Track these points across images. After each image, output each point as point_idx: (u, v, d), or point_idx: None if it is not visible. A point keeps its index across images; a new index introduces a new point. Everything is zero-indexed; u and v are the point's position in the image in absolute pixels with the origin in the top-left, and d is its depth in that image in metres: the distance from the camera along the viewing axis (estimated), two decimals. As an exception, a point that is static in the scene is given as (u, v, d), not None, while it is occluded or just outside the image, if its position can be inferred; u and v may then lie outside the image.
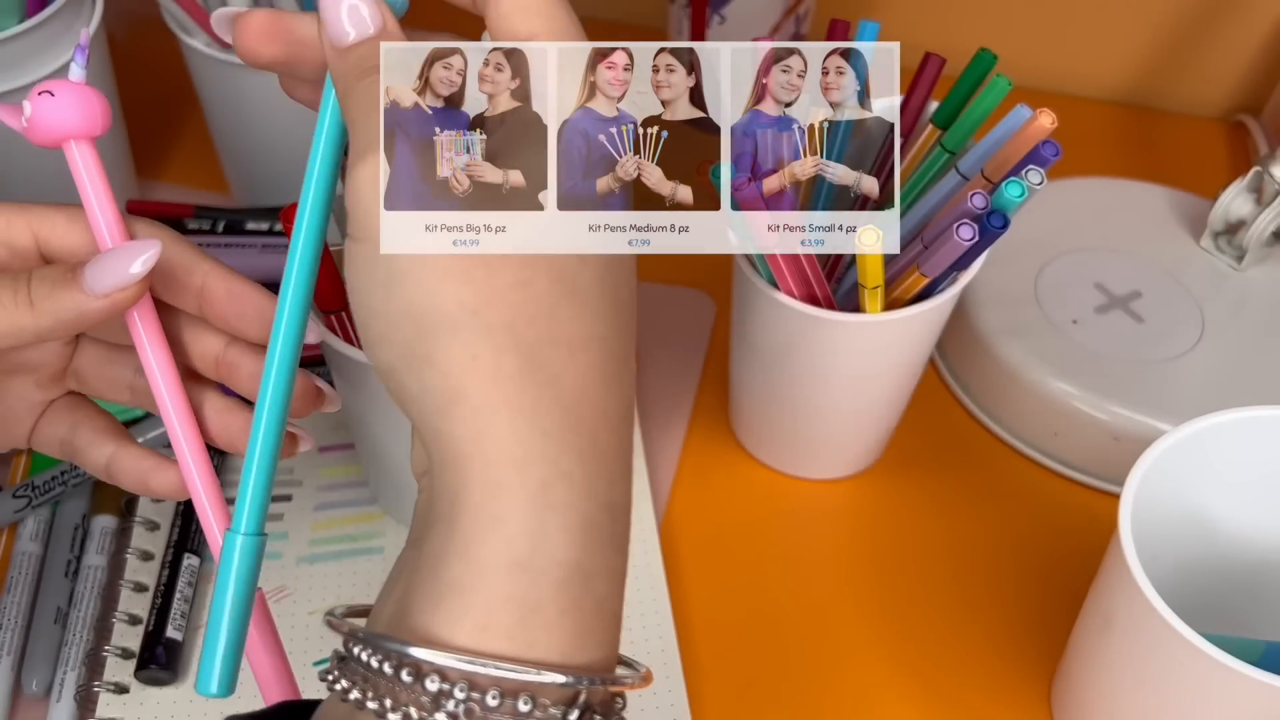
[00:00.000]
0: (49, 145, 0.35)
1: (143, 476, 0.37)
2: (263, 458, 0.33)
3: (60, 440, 0.39)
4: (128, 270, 0.33)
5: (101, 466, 0.38)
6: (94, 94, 0.35)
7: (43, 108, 0.34)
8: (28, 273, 0.33)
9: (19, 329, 0.33)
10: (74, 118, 0.34)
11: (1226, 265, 0.62)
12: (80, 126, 0.34)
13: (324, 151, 0.33)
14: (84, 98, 0.34)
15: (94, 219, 0.35)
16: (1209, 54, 0.75)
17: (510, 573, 0.27)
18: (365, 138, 0.30)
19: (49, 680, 0.49)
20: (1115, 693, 0.44)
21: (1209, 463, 0.46)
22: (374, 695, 0.27)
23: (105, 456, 0.38)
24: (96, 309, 0.33)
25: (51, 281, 0.33)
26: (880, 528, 0.56)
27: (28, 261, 0.35)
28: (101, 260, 0.33)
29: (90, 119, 0.34)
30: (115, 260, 0.33)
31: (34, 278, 0.33)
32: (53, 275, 0.33)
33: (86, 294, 0.33)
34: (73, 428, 0.38)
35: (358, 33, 0.31)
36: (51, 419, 0.39)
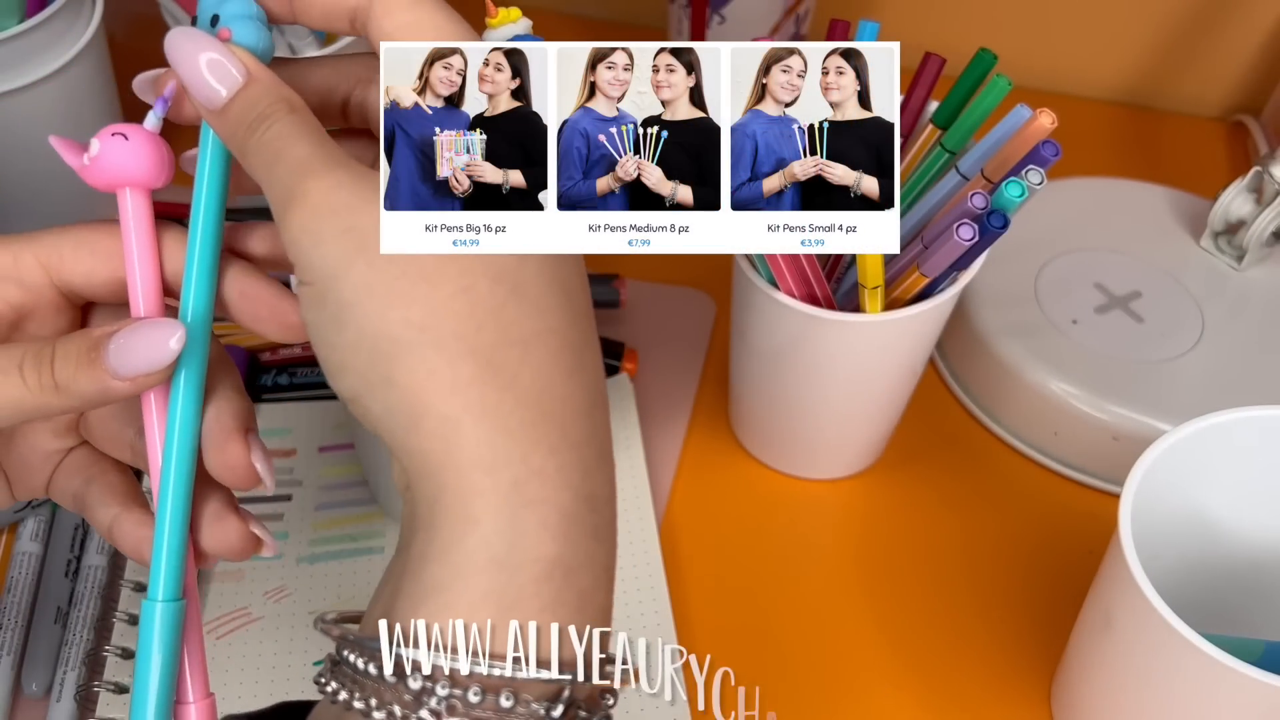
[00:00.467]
0: (104, 189, 0.33)
1: (139, 545, 0.35)
2: (174, 520, 0.32)
3: (74, 494, 0.37)
4: (158, 352, 0.31)
5: (105, 527, 0.36)
6: (165, 146, 0.33)
7: (113, 149, 0.33)
8: (51, 347, 0.32)
9: (45, 409, 0.32)
10: (142, 166, 0.33)
11: (1226, 265, 0.62)
12: (144, 176, 0.33)
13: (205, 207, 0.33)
14: (156, 148, 0.33)
15: (131, 277, 0.33)
16: (1209, 54, 0.75)
17: (488, 570, 0.27)
18: (281, 188, 0.29)
19: (49, 680, 0.49)
20: (1115, 693, 0.44)
21: (1209, 463, 0.46)
22: (360, 695, 0.27)
23: (110, 516, 0.36)
24: (122, 390, 0.31)
25: (75, 361, 0.31)
26: (880, 528, 0.56)
27: (42, 296, 0.34)
28: (127, 338, 0.31)
29: (156, 170, 0.33)
30: (142, 339, 0.31)
31: (57, 356, 0.31)
32: (76, 354, 0.31)
33: (110, 376, 0.31)
34: (87, 482, 0.37)
35: (228, 89, 0.31)
36: (68, 470, 0.37)
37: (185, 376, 0.33)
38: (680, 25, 0.70)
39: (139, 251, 0.33)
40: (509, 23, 0.39)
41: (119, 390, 0.31)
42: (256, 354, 0.60)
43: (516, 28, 0.40)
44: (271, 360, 0.60)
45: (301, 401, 0.59)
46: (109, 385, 0.31)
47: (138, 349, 0.31)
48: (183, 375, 0.33)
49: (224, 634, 0.51)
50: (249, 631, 0.51)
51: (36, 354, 0.32)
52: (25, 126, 0.57)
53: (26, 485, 0.38)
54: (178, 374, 0.32)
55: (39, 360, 0.32)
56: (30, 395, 0.31)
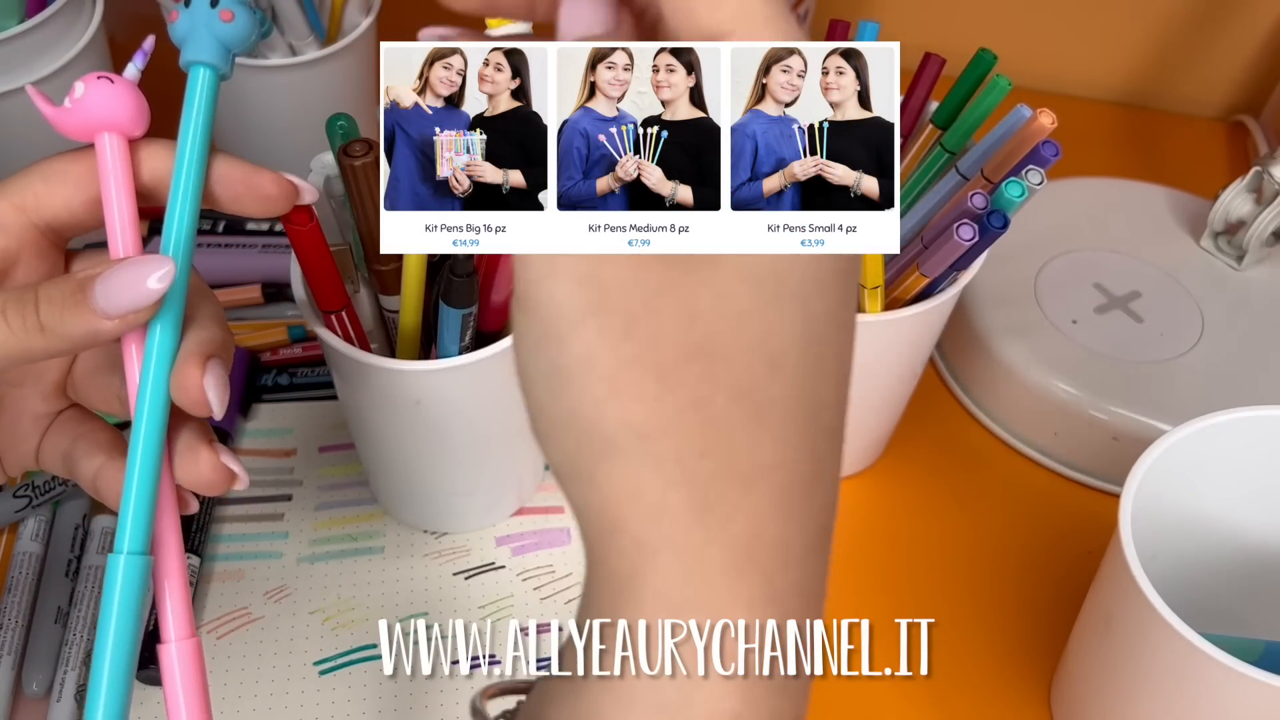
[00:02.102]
0: (83, 134, 0.34)
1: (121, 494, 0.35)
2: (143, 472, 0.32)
3: (62, 453, 0.37)
4: (142, 289, 0.31)
5: (90, 480, 0.36)
6: (129, 89, 0.34)
7: (98, 91, 0.33)
8: (34, 290, 0.31)
9: (29, 352, 0.31)
10: (124, 110, 0.34)
11: (1226, 265, 0.62)
12: (126, 121, 0.34)
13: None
14: (136, 96, 0.34)
15: (110, 222, 0.34)
16: (1209, 54, 0.75)
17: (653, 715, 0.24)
18: None
19: (49, 680, 0.49)
20: (1115, 692, 0.44)
21: (1209, 463, 0.46)
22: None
23: (94, 468, 0.36)
24: (109, 330, 0.31)
25: (60, 303, 0.31)
26: (880, 528, 0.56)
27: (24, 240, 0.34)
28: (112, 277, 0.31)
29: (137, 117, 0.34)
30: (127, 278, 0.31)
31: (41, 297, 0.31)
32: (61, 295, 0.31)
33: (98, 315, 0.31)
34: (74, 440, 0.37)
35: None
36: (56, 432, 0.37)
37: (163, 319, 0.33)
38: (680, 25, 0.70)
39: (118, 196, 0.34)
40: (508, 23, 0.39)
41: (106, 330, 0.31)
42: (257, 354, 0.60)
43: (517, 28, 0.40)
44: (271, 360, 0.60)
45: (301, 401, 0.59)
46: (97, 325, 0.31)
47: (124, 286, 0.31)
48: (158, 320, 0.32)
49: (224, 634, 0.51)
50: (249, 631, 0.51)
51: (19, 298, 0.31)
52: (25, 127, 0.57)
53: (17, 455, 0.38)
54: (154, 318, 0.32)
55: (21, 304, 0.31)
56: (14, 338, 0.31)
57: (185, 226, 0.34)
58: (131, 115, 0.34)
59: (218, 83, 0.35)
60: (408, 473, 0.52)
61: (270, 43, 0.61)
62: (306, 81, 0.61)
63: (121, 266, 0.31)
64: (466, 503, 0.54)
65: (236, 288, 0.61)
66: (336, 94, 0.62)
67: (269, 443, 0.58)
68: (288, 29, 0.60)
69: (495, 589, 0.53)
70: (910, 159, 0.50)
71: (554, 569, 0.53)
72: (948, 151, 0.48)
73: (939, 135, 0.49)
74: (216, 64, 0.35)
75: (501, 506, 0.55)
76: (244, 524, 0.55)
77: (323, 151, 0.44)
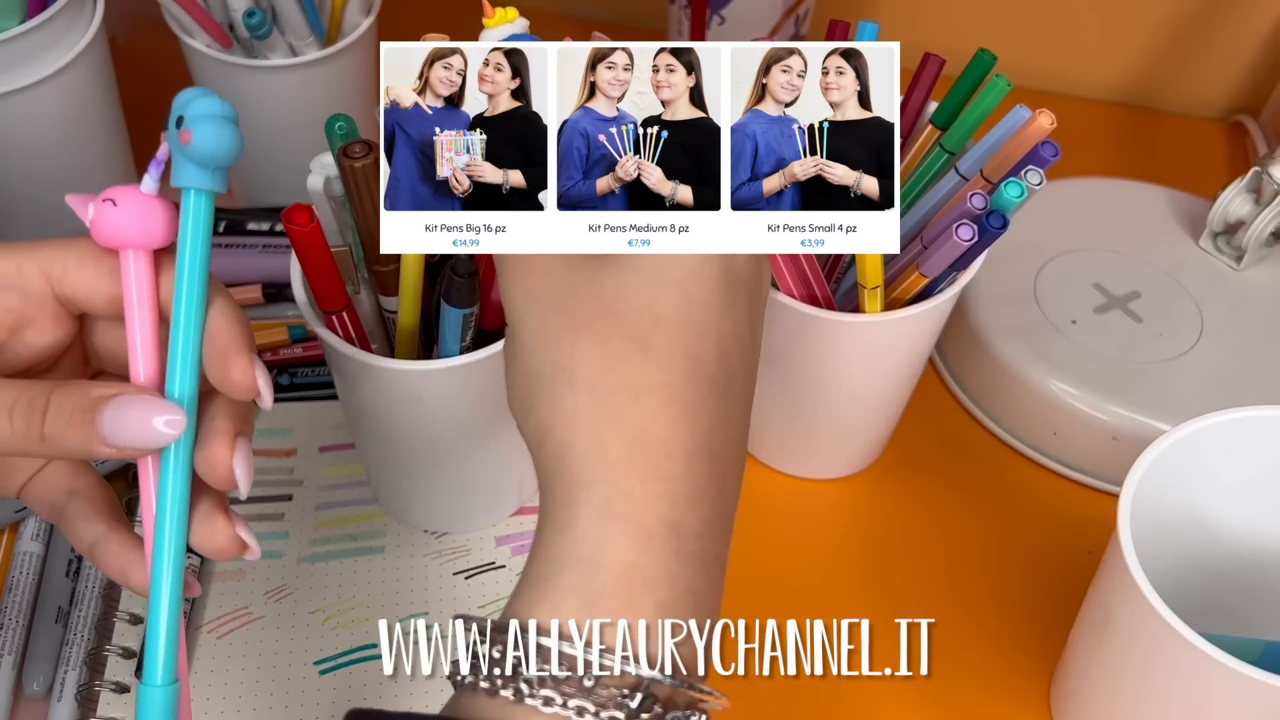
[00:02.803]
0: (108, 245, 0.33)
1: (125, 568, 0.35)
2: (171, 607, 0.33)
3: (51, 505, 0.37)
4: (149, 430, 0.32)
5: (86, 545, 0.36)
6: (160, 207, 0.33)
7: (103, 215, 0.33)
8: (46, 397, 0.32)
9: (23, 452, 0.32)
10: (134, 229, 0.33)
11: (1225, 265, 0.62)
12: (139, 238, 0.33)
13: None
14: (148, 211, 0.33)
15: (131, 339, 0.33)
16: (1209, 54, 0.75)
17: (576, 568, 0.31)
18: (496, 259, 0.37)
19: (50, 680, 0.49)
20: (1115, 692, 0.44)
21: (1208, 463, 0.46)
22: (473, 673, 0.31)
23: (94, 535, 0.36)
24: (107, 454, 0.32)
25: (67, 419, 0.32)
26: (880, 528, 0.56)
27: (43, 306, 0.34)
28: (123, 409, 0.32)
29: (150, 233, 0.33)
30: (137, 415, 0.32)
31: (50, 408, 0.32)
32: (70, 410, 0.32)
33: (98, 439, 0.32)
34: (69, 495, 0.37)
35: None
36: (49, 478, 0.37)
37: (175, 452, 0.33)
38: (680, 25, 0.70)
39: (139, 313, 0.33)
40: (506, 23, 0.39)
41: (104, 454, 0.32)
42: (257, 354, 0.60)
43: (514, 28, 0.40)
44: (271, 360, 0.60)
45: (301, 401, 0.59)
46: (95, 448, 0.32)
47: (132, 423, 0.32)
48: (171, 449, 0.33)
49: (224, 634, 0.51)
50: (249, 631, 0.51)
51: (30, 401, 0.32)
52: (25, 127, 0.57)
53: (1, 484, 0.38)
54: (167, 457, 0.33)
55: (31, 408, 0.32)
56: (14, 438, 0.32)
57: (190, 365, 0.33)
58: (143, 232, 0.33)
59: (209, 202, 0.33)
60: (408, 473, 0.52)
61: (270, 43, 0.61)
62: (306, 82, 0.61)
63: (133, 401, 0.32)
64: (466, 503, 0.54)
65: (236, 288, 0.61)
66: (336, 94, 0.62)
67: (269, 443, 0.58)
68: (288, 29, 0.61)
69: (495, 589, 0.53)
70: (910, 159, 0.50)
71: (554, 569, 0.53)
72: (947, 152, 0.48)
73: (938, 135, 0.49)
74: (196, 185, 0.33)
75: (501, 506, 0.55)
76: (244, 524, 0.55)
77: (323, 152, 0.44)
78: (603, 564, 0.31)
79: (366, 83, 0.63)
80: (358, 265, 0.46)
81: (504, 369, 0.35)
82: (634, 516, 0.31)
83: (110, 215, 0.33)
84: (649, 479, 0.31)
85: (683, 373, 0.33)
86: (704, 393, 0.33)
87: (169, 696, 0.33)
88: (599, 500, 0.31)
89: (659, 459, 0.32)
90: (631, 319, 0.33)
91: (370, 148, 0.41)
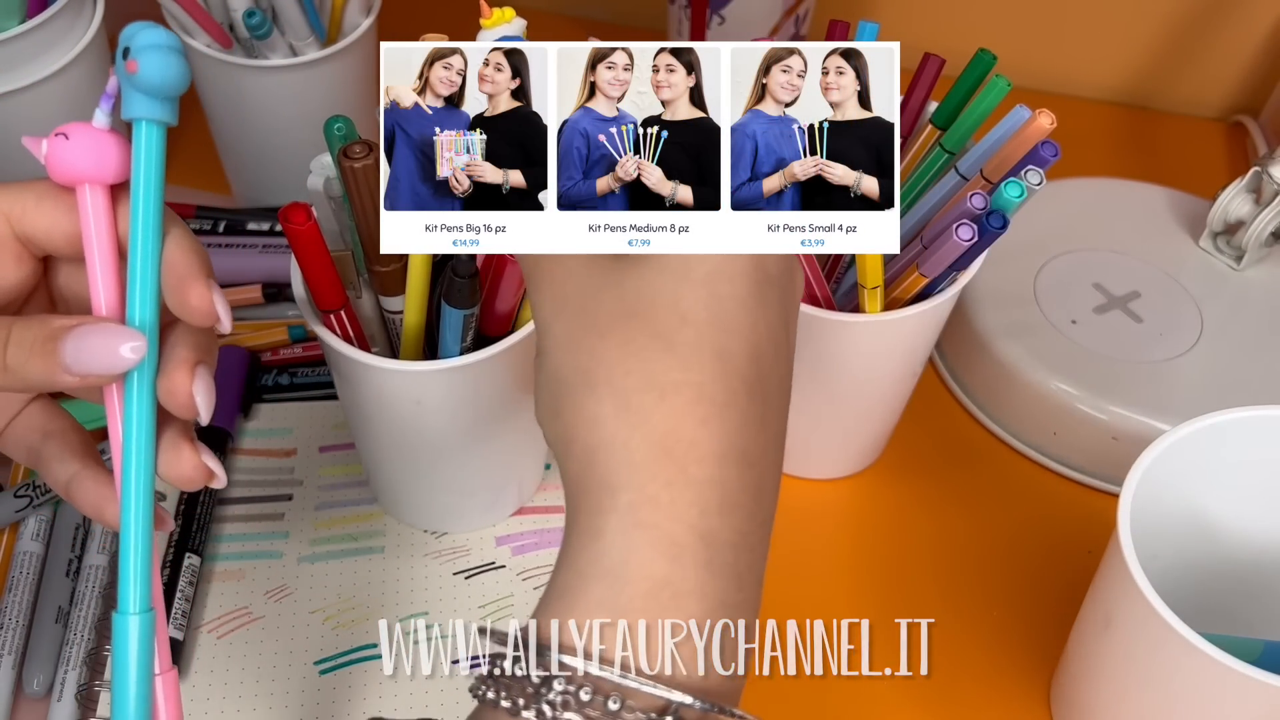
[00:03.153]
0: (64, 183, 0.34)
1: (100, 504, 0.36)
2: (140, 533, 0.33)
3: (28, 448, 0.38)
4: (113, 357, 0.32)
5: (62, 484, 0.37)
6: (113, 140, 0.33)
7: (56, 149, 0.33)
8: (7, 329, 0.32)
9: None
10: (88, 163, 0.33)
11: (1225, 265, 0.62)
12: (91, 172, 0.33)
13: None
14: (100, 144, 0.33)
15: (92, 272, 0.33)
16: (1209, 54, 0.75)
17: (603, 580, 0.30)
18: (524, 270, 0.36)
19: (50, 680, 0.49)
20: (1115, 692, 0.45)
21: (1208, 463, 0.46)
22: (494, 689, 0.30)
23: (69, 474, 0.36)
24: (70, 383, 0.32)
25: (29, 349, 0.32)
26: (880, 527, 0.56)
27: (4, 246, 0.34)
28: (85, 338, 0.32)
29: (104, 165, 0.33)
30: (99, 342, 0.32)
31: (12, 340, 0.32)
32: (31, 341, 0.32)
33: (62, 369, 0.32)
34: (44, 437, 0.37)
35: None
36: (25, 423, 0.38)
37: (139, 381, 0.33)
38: (680, 25, 0.70)
39: (98, 247, 0.33)
40: (503, 23, 0.40)
41: (67, 383, 0.32)
42: (257, 354, 0.60)
43: (510, 28, 0.40)
44: (272, 360, 0.60)
45: (301, 401, 0.59)
46: (59, 377, 0.32)
47: (94, 350, 0.32)
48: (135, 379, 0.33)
49: (224, 634, 0.51)
50: (249, 631, 0.51)
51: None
52: (25, 127, 0.57)
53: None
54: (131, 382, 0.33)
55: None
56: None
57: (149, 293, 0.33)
58: (97, 166, 0.33)
59: (160, 133, 0.33)
60: (408, 473, 0.52)
61: (270, 43, 0.61)
62: (306, 82, 0.61)
63: (95, 329, 0.32)
64: (466, 503, 0.54)
65: (236, 288, 0.61)
66: (336, 94, 0.62)
67: (269, 443, 0.58)
68: (288, 29, 0.61)
69: (495, 589, 0.53)
70: (910, 159, 0.50)
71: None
72: (947, 152, 0.48)
73: (938, 135, 0.49)
74: (145, 116, 0.32)
75: (501, 506, 0.55)
76: (244, 524, 0.55)
77: (322, 153, 0.44)
78: (630, 577, 0.29)
79: (366, 83, 0.63)
80: (359, 267, 0.46)
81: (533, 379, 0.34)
82: (662, 525, 0.30)
83: (63, 150, 0.33)
84: (676, 484, 0.30)
85: (711, 372, 0.31)
86: (735, 392, 0.31)
87: (144, 624, 0.33)
88: (625, 507, 0.30)
89: (687, 463, 0.30)
90: (656, 318, 0.32)
91: (370, 148, 0.41)
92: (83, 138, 0.33)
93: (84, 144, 0.33)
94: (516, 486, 0.55)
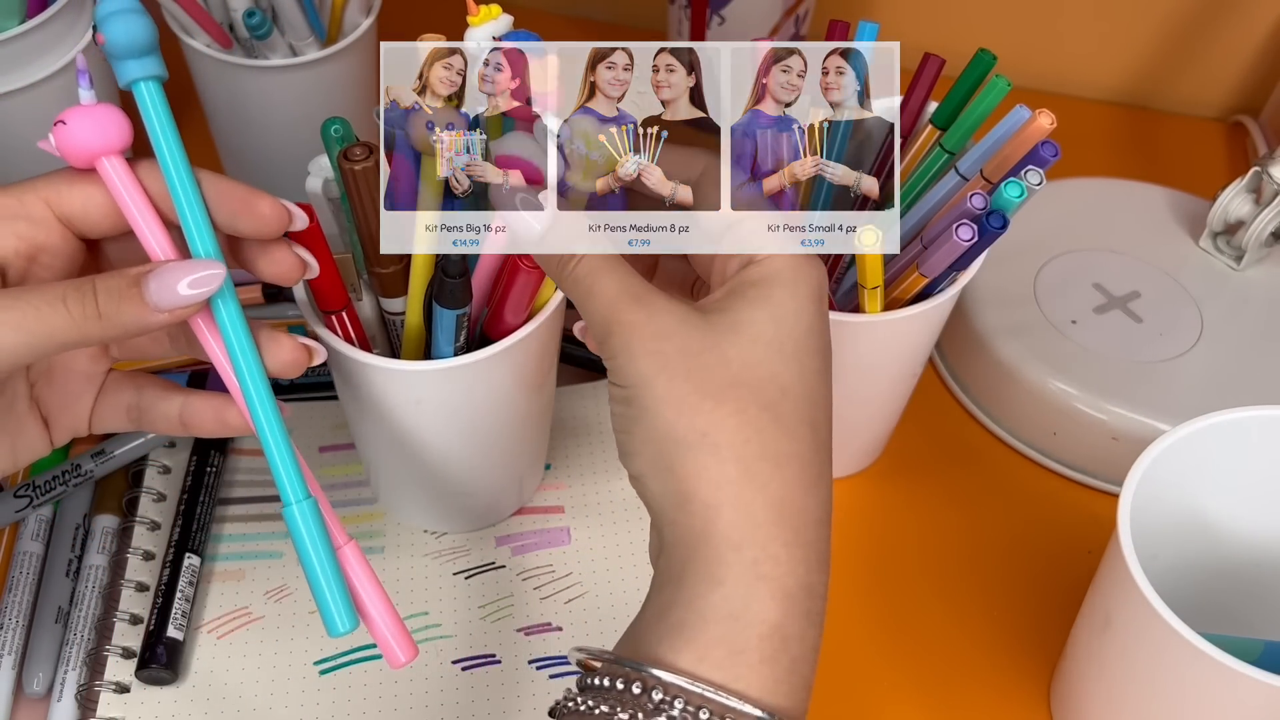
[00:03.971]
0: (84, 167, 0.36)
1: (220, 413, 0.40)
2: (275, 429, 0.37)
3: (127, 405, 0.42)
4: (191, 291, 0.35)
5: (175, 416, 0.41)
6: (106, 110, 0.36)
7: (62, 137, 0.36)
8: (92, 282, 0.35)
9: (85, 337, 0.35)
10: (92, 138, 0.36)
11: (1225, 265, 0.62)
12: (101, 144, 0.36)
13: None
14: (97, 117, 0.36)
15: (138, 230, 0.36)
16: (1209, 54, 0.75)
17: (724, 622, 0.33)
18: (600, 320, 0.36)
19: (50, 680, 0.49)
20: (1114, 692, 0.45)
21: (1208, 463, 0.46)
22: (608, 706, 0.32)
23: (177, 407, 0.41)
24: (158, 321, 0.35)
25: (118, 294, 0.35)
26: (879, 528, 0.56)
27: (49, 229, 0.37)
28: (165, 275, 0.35)
29: (108, 134, 0.36)
30: (178, 276, 0.35)
31: (99, 289, 0.35)
32: (117, 287, 0.35)
33: (149, 308, 0.35)
34: (137, 391, 0.42)
35: (541, 225, 0.36)
36: (113, 390, 0.42)
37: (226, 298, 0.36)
38: (680, 26, 0.70)
39: (136, 207, 0.36)
40: (490, 20, 0.39)
41: (156, 321, 0.35)
42: (257, 354, 0.60)
43: (497, 25, 0.40)
44: (272, 360, 0.60)
45: (301, 401, 0.59)
46: (148, 317, 0.35)
47: (175, 284, 0.35)
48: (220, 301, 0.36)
49: (224, 634, 0.51)
50: (249, 631, 0.51)
51: (79, 288, 0.35)
52: (26, 127, 0.57)
53: (68, 420, 0.42)
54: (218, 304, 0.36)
55: (81, 294, 0.35)
56: (74, 324, 0.35)
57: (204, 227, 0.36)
58: (103, 138, 0.36)
59: (156, 87, 0.36)
60: (408, 473, 0.52)
61: (270, 43, 0.61)
62: (306, 82, 0.61)
63: (172, 267, 0.35)
64: (466, 503, 0.54)
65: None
66: (336, 94, 0.62)
67: (269, 443, 0.58)
68: (288, 29, 0.61)
69: (495, 589, 0.53)
70: (910, 159, 0.50)
71: (554, 569, 0.53)
72: (947, 152, 0.48)
73: (938, 135, 0.49)
74: (135, 76, 0.35)
75: (501, 506, 0.55)
76: (244, 524, 0.55)
77: (320, 154, 0.44)
78: (750, 620, 0.33)
79: (366, 83, 0.63)
80: (359, 269, 0.46)
81: (615, 425, 0.36)
82: (779, 579, 0.33)
83: (67, 135, 0.36)
84: (792, 545, 0.34)
85: (809, 443, 0.35)
86: (824, 461, 0.35)
87: (306, 511, 0.36)
88: (748, 562, 0.33)
89: (799, 526, 0.34)
90: (762, 390, 0.34)
91: (370, 150, 0.41)
92: (79, 118, 0.36)
93: (83, 122, 0.36)
94: (516, 486, 0.55)
